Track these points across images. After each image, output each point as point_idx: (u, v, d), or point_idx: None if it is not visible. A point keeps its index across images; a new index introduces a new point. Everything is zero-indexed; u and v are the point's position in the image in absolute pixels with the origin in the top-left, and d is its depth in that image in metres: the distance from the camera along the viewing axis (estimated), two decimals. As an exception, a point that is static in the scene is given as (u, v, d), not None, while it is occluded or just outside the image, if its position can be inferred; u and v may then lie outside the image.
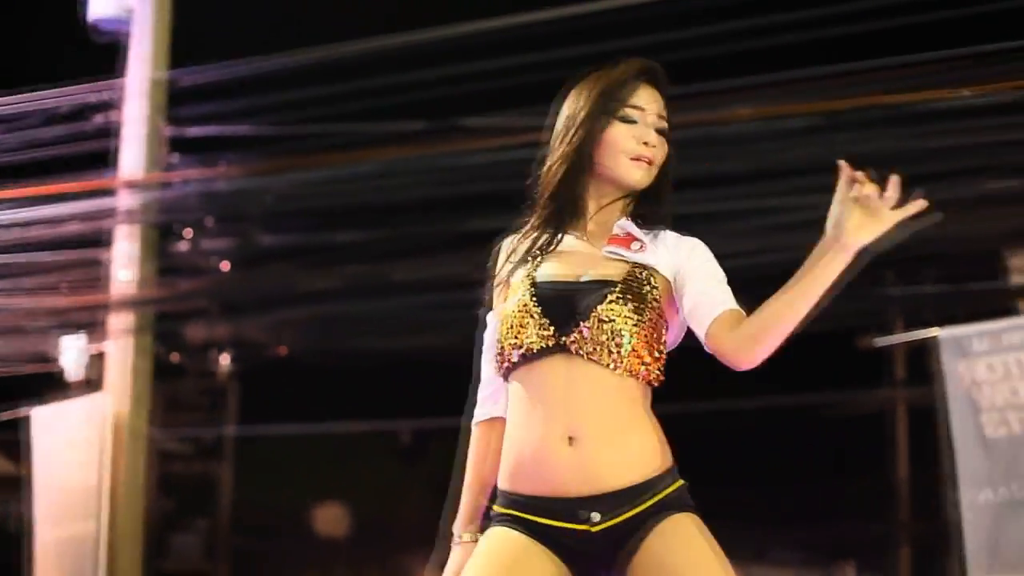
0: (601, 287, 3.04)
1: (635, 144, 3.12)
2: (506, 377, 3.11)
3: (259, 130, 10.01)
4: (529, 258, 3.17)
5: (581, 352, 2.98)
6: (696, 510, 3.04)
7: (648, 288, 3.07)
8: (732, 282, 3.15)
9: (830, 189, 9.15)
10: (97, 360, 10.48)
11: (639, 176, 3.14)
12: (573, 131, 3.14)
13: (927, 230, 8.93)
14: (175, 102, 10.26)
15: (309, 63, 9.60)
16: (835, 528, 17.62)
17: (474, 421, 3.22)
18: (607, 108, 3.13)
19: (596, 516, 2.95)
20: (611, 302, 3.01)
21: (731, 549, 3.01)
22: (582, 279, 3.08)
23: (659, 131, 3.15)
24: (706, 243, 3.20)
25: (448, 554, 3.19)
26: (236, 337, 12.17)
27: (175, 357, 12.71)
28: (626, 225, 3.18)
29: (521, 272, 3.15)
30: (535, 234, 3.21)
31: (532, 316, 3.03)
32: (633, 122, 3.13)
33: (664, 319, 3.09)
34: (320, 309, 10.66)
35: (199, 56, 9.92)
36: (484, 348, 3.22)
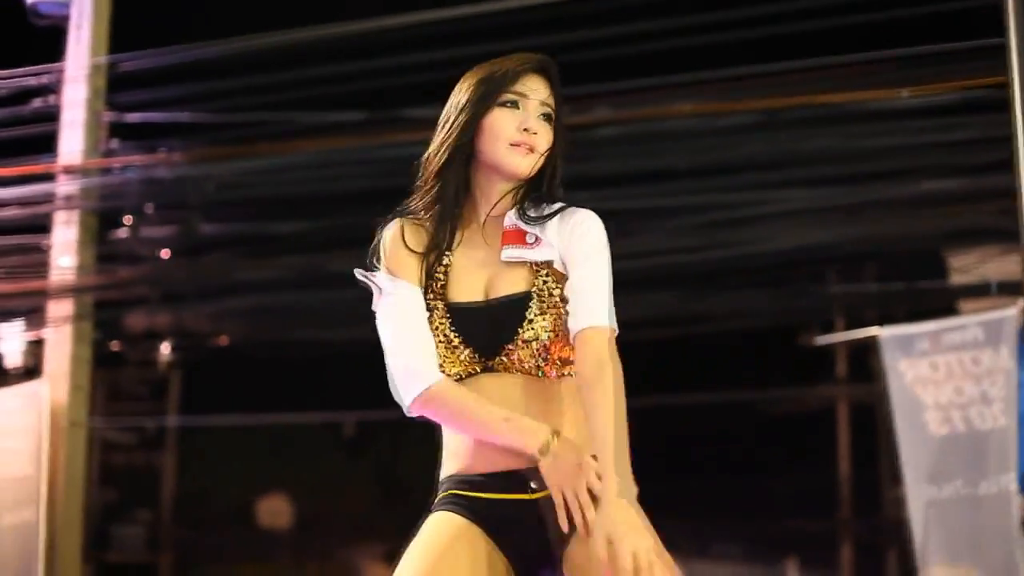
0: (516, 304, 3.08)
1: (514, 130, 3.11)
2: None
3: (200, 117, 9.95)
4: (434, 269, 3.14)
5: (508, 370, 3.07)
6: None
7: (555, 290, 3.10)
8: (673, 277, 3.19)
9: (772, 185, 9.16)
10: (36, 347, 10.40)
11: (519, 162, 3.13)
12: (455, 118, 3.15)
13: (869, 229, 8.95)
14: (115, 87, 10.18)
15: (251, 50, 9.56)
16: (778, 523, 17.71)
17: (431, 379, 3.08)
18: (488, 94, 3.12)
19: (535, 483, 3.02)
20: (530, 321, 3.06)
21: (674, 543, 3.04)
22: (492, 297, 3.12)
23: (544, 116, 3.15)
24: (648, 240, 3.21)
25: None
26: (177, 326, 12.10)
27: (115, 345, 12.61)
28: (514, 218, 3.17)
29: (429, 287, 3.14)
30: (432, 232, 3.17)
31: (453, 347, 3.08)
32: (514, 107, 3.12)
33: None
34: (262, 299, 10.62)
35: (140, 41, 9.86)
36: (403, 319, 3.13)
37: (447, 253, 3.17)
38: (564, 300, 3.08)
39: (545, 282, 3.09)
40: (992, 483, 7.46)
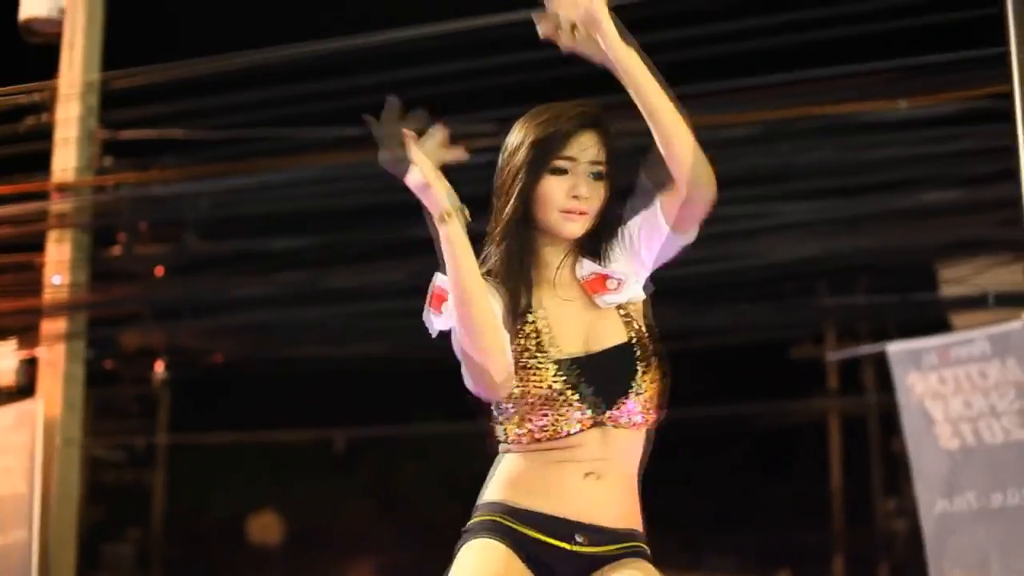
0: (622, 355, 3.09)
1: (565, 198, 3.11)
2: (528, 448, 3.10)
3: (194, 134, 9.92)
4: (523, 331, 3.10)
5: (617, 425, 3.07)
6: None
7: (650, 335, 3.14)
8: (678, 291, 3.21)
9: (768, 198, 9.14)
10: (30, 366, 10.35)
11: (572, 229, 3.14)
12: (510, 185, 3.13)
13: (864, 241, 8.93)
14: (108, 105, 10.15)
15: (246, 66, 9.52)
16: (771, 535, 17.72)
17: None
18: (540, 161, 3.10)
19: (580, 538, 3.05)
20: (643, 374, 3.09)
21: (667, 556, 3.08)
22: (595, 349, 3.10)
23: (594, 176, 3.13)
24: None
25: None
26: (171, 344, 12.07)
27: (109, 364, 12.58)
28: (589, 266, 3.18)
29: (524, 348, 3.08)
30: (510, 292, 3.14)
31: (568, 403, 3.04)
32: (564, 173, 3.10)
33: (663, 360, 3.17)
34: (255, 316, 10.58)
35: (133, 58, 9.83)
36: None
37: (530, 312, 3.13)
38: (659, 345, 3.14)
39: (640, 324, 3.14)
40: (1012, 495, 7.44)
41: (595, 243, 3.21)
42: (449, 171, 3.19)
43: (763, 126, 8.74)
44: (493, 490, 3.13)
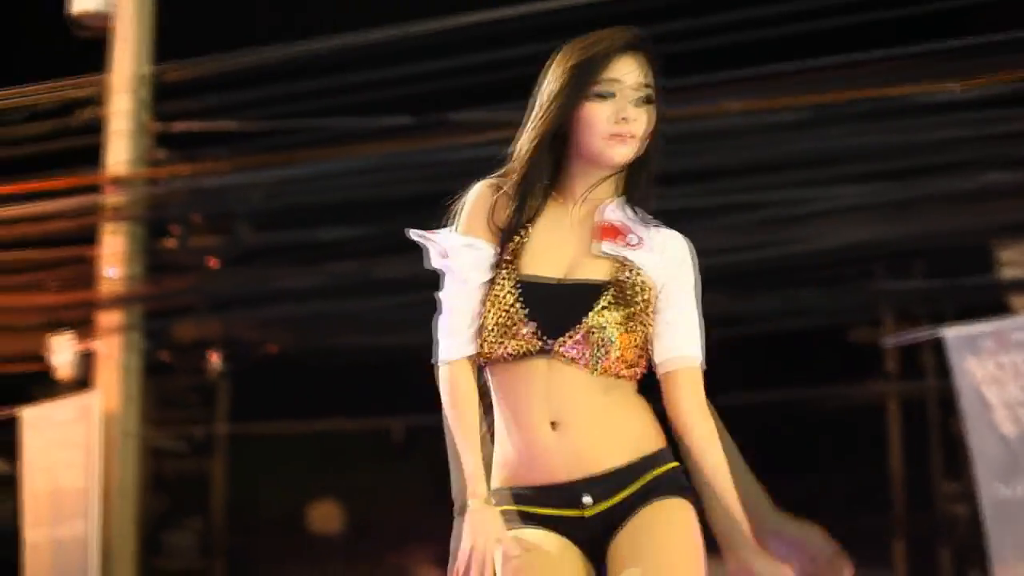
0: (591, 290, 3.00)
1: (611, 122, 3.00)
2: (483, 367, 3.06)
3: (246, 125, 9.95)
4: (511, 240, 3.06)
5: (565, 357, 2.95)
6: (689, 492, 3.02)
7: (638, 293, 3.02)
8: (722, 279, 3.16)
9: (820, 182, 9.09)
10: (87, 359, 10.43)
11: (616, 152, 3.02)
12: (547, 106, 3.03)
13: (918, 225, 8.85)
14: (161, 97, 10.20)
15: (296, 57, 9.56)
16: (830, 521, 17.64)
17: (454, 356, 3.05)
18: (581, 84, 3.01)
19: (588, 499, 2.96)
20: (602, 309, 2.98)
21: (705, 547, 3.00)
22: (569, 278, 3.03)
23: (642, 100, 3.03)
24: (696, 239, 3.14)
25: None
26: (226, 335, 12.11)
27: (164, 355, 12.65)
28: (614, 214, 3.09)
29: (503, 258, 3.05)
30: (515, 203, 3.09)
31: (518, 320, 2.97)
32: (610, 96, 3.01)
33: (651, 320, 3.04)
34: (309, 307, 10.61)
35: (185, 51, 9.88)
36: (461, 280, 3.07)
37: (527, 226, 3.07)
38: (646, 305, 3.02)
39: (629, 279, 3.02)
40: None
41: (632, 184, 3.13)
42: (481, 163, 3.20)
43: (813, 110, 8.67)
44: (494, 476, 3.06)
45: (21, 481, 10.41)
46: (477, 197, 3.14)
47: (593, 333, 2.95)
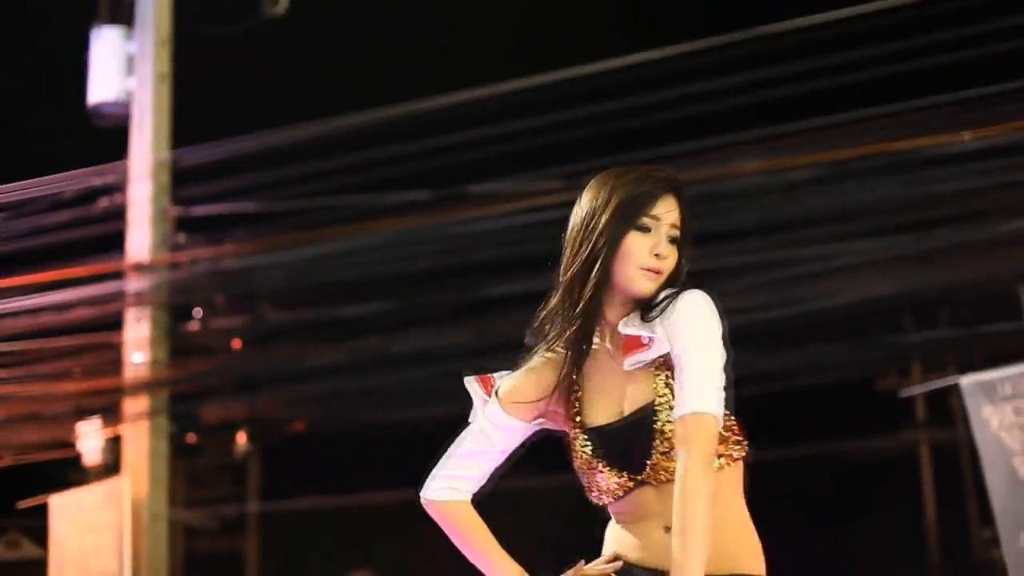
0: (646, 418, 3.11)
1: (648, 256, 3.14)
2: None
3: (265, 206, 10.02)
4: (569, 390, 3.22)
5: (661, 480, 3.08)
6: None
7: (671, 387, 3.11)
8: (746, 338, 3.20)
9: (840, 238, 9.06)
10: (114, 444, 10.46)
11: (648, 287, 3.16)
12: (595, 238, 3.15)
13: (940, 275, 8.80)
14: (180, 181, 10.28)
15: (311, 137, 9.62)
16: (867, 572, 17.54)
17: (425, 493, 3.32)
18: (629, 217, 3.14)
19: None
20: (661, 432, 3.08)
21: None
22: (625, 414, 3.15)
23: (672, 240, 3.17)
24: (719, 300, 3.19)
25: None
26: (252, 414, 12.15)
27: (192, 437, 12.68)
28: (629, 324, 3.18)
29: (568, 411, 3.22)
30: (564, 362, 3.22)
31: (601, 470, 3.15)
32: (648, 230, 3.15)
33: None
34: (334, 383, 10.63)
35: (201, 135, 9.95)
36: (469, 438, 3.29)
37: (576, 386, 3.22)
38: None
39: (666, 384, 3.11)
40: None
41: (649, 304, 3.21)
42: (499, 234, 3.24)
43: (829, 166, 8.70)
44: (607, 547, 3.23)
45: (49, 568, 10.41)
46: (515, 384, 3.29)
47: (668, 454, 3.07)
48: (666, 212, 3.16)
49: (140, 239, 10.11)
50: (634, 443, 3.11)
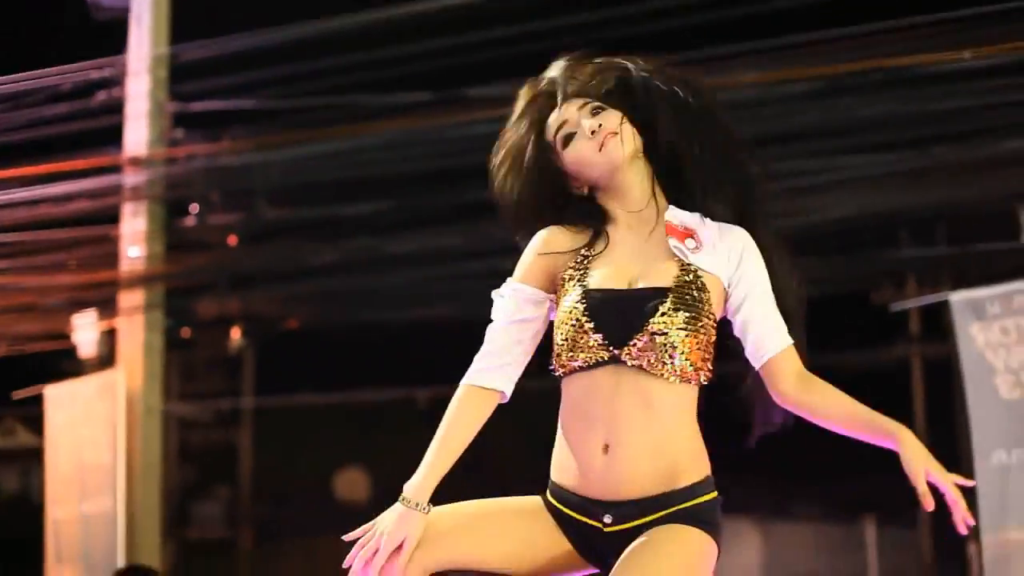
0: (653, 297, 3.08)
1: (589, 143, 3.18)
2: (561, 380, 3.18)
3: (263, 103, 10.00)
4: (580, 256, 3.21)
5: (633, 364, 3.06)
6: (712, 528, 3.12)
7: (700, 294, 3.11)
8: None
9: (833, 153, 9.05)
10: (109, 337, 10.52)
11: (610, 154, 3.17)
12: (542, 176, 3.25)
13: (937, 192, 8.80)
14: (178, 77, 10.25)
15: (312, 35, 9.58)
16: (855, 483, 17.65)
17: (469, 381, 3.19)
18: (546, 151, 3.23)
19: (608, 518, 3.08)
20: (663, 315, 3.05)
21: (752, 504, 3.08)
22: (634, 286, 3.13)
23: (592, 111, 3.21)
24: None
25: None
26: (246, 311, 12.19)
27: (186, 332, 12.74)
28: (678, 216, 3.21)
29: (573, 272, 3.19)
30: (576, 233, 3.26)
31: (584, 330, 3.08)
32: (571, 136, 3.21)
33: (715, 322, 3.15)
34: (328, 282, 10.67)
35: (201, 30, 9.91)
36: (503, 317, 3.23)
37: (595, 246, 3.22)
38: (709, 307, 3.12)
39: (691, 282, 3.11)
40: None
41: (681, 190, 3.26)
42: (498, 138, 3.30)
43: (827, 81, 8.67)
44: (552, 469, 3.22)
45: (45, 458, 10.52)
46: (532, 243, 3.30)
47: (656, 338, 3.05)
48: (567, 112, 3.22)
49: (137, 133, 10.12)
50: (631, 313, 3.08)
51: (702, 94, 3.27)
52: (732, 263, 3.16)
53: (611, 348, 3.06)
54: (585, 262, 3.18)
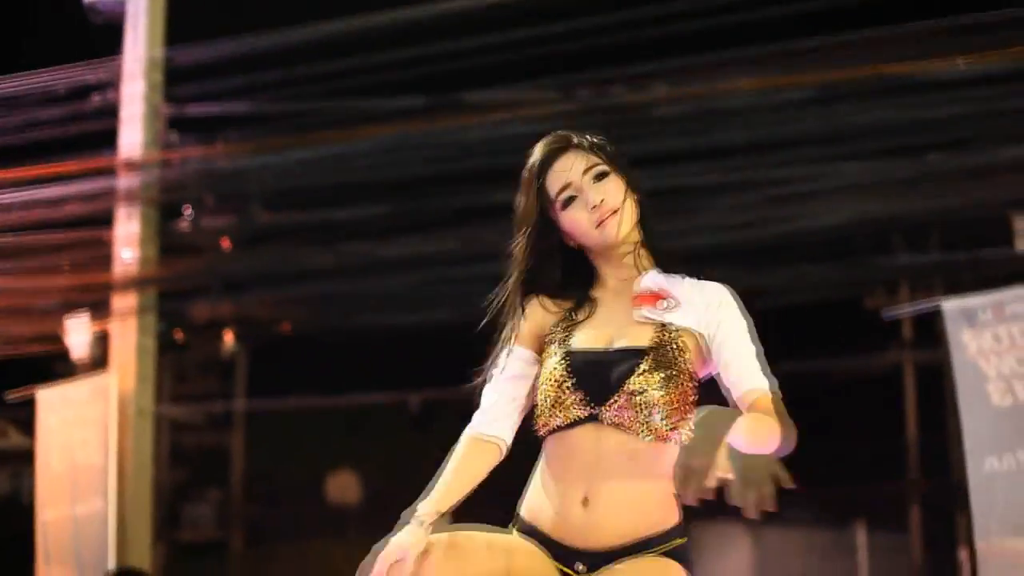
0: (631, 357, 3.13)
1: (588, 215, 3.21)
2: (543, 439, 3.22)
3: (258, 107, 10.00)
4: (566, 321, 3.27)
5: (611, 423, 3.10)
6: (689, 565, 3.17)
7: (678, 353, 3.15)
8: (735, 254, 3.28)
9: (829, 159, 9.07)
10: (102, 339, 10.51)
11: (611, 231, 3.21)
12: (524, 240, 3.29)
13: (931, 199, 8.80)
14: (173, 80, 10.25)
15: (308, 39, 9.58)
16: (847, 488, 17.67)
17: (470, 432, 3.28)
18: (545, 208, 3.26)
19: (581, 567, 3.13)
20: (641, 374, 3.10)
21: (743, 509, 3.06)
22: (612, 347, 3.18)
23: (596, 177, 3.23)
24: (708, 215, 3.30)
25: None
26: (239, 314, 12.19)
27: (179, 335, 12.73)
28: (650, 281, 3.26)
29: (557, 335, 3.25)
30: (567, 298, 3.31)
31: (565, 390, 3.13)
32: (572, 199, 3.23)
33: (695, 379, 3.20)
34: (321, 286, 10.67)
35: (197, 34, 9.91)
36: (498, 375, 3.29)
37: (577, 313, 3.28)
38: (686, 364, 3.16)
39: (669, 341, 3.16)
40: None
41: (646, 244, 3.32)
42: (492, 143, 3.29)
43: (822, 87, 8.69)
44: (523, 503, 3.26)
45: (36, 460, 10.51)
46: (524, 308, 3.34)
47: (635, 396, 3.09)
48: (572, 172, 3.23)
49: (132, 136, 10.11)
50: (610, 372, 3.12)
51: None
52: (710, 314, 3.19)
53: (591, 406, 3.11)
54: (570, 327, 3.24)
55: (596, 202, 3.19)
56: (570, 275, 3.34)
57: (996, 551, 7.60)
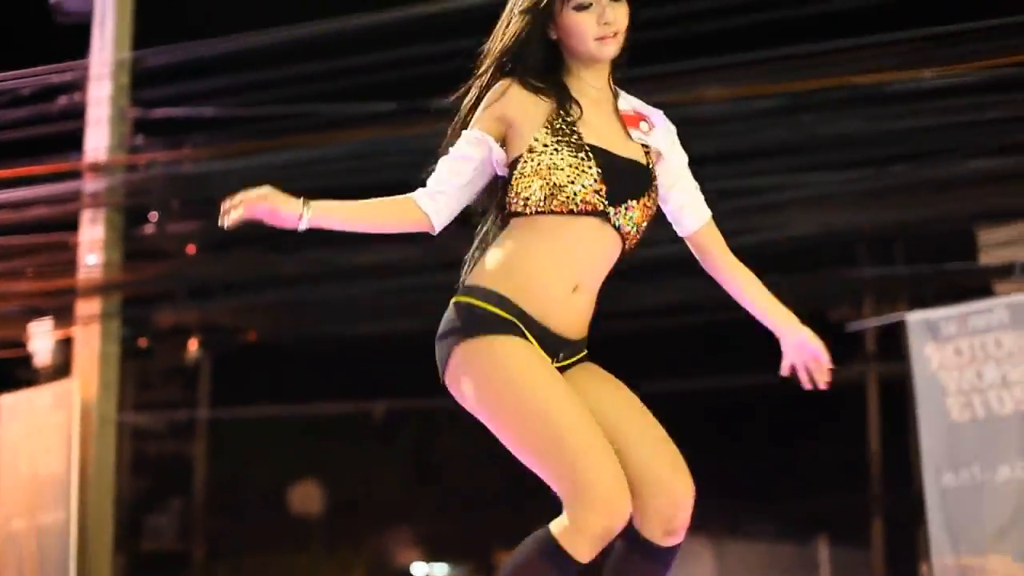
0: (641, 169, 3.39)
1: (597, 27, 3.35)
2: (538, 212, 3.33)
3: (225, 111, 9.95)
4: (561, 119, 3.36)
5: (615, 224, 3.32)
6: None
7: (654, 176, 3.43)
8: (697, 265, 3.44)
9: (797, 170, 9.07)
10: (65, 345, 10.43)
11: (608, 51, 3.39)
12: (525, 10, 3.42)
13: (897, 211, 8.82)
14: (140, 83, 10.19)
15: (277, 43, 9.54)
16: (809, 502, 17.69)
17: (415, 196, 3.45)
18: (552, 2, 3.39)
19: (562, 355, 3.36)
20: (652, 189, 3.39)
21: (705, 523, 3.08)
22: (624, 155, 3.38)
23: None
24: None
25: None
26: (205, 321, 12.12)
27: (143, 342, 12.65)
28: (631, 101, 3.49)
29: (561, 127, 3.34)
30: (551, 97, 3.40)
31: (589, 179, 3.30)
32: (588, 7, 3.36)
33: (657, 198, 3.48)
34: (286, 294, 10.62)
35: (164, 36, 9.85)
36: (458, 158, 3.42)
37: (570, 112, 3.39)
38: (657, 187, 3.42)
39: (655, 163, 3.44)
40: (1018, 468, 7.42)
41: (618, 69, 3.51)
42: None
43: (790, 97, 8.71)
44: (496, 274, 3.33)
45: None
46: (494, 91, 3.46)
47: (646, 210, 3.37)
48: None
49: (98, 139, 10.04)
50: (629, 179, 3.34)
51: None
52: (670, 142, 3.50)
53: (607, 204, 3.30)
54: (571, 122, 3.37)
55: (610, 20, 3.35)
56: (547, 65, 3.46)
57: (952, 567, 7.62)
